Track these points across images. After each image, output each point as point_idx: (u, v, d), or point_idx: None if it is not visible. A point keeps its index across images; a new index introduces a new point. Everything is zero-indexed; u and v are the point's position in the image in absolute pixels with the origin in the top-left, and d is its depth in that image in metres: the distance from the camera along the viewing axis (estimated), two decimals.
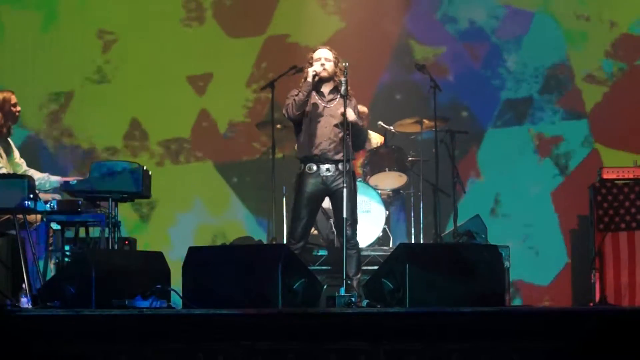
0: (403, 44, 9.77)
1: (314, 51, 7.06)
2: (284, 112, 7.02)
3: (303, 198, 6.91)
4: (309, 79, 6.90)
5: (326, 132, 6.92)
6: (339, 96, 6.91)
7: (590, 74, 9.53)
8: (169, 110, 9.60)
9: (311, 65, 6.97)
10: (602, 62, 9.53)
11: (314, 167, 6.92)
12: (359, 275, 6.89)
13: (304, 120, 6.96)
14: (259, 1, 9.80)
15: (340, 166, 6.89)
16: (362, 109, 9.03)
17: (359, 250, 7.05)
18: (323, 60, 6.95)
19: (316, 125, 6.93)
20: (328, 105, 6.96)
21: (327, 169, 6.91)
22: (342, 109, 6.83)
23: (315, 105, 6.96)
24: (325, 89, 7.02)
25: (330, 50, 7.02)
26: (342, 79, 6.77)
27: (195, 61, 9.72)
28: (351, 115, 6.84)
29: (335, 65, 6.96)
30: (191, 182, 9.63)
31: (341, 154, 6.85)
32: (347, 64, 6.81)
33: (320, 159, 6.90)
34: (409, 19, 9.78)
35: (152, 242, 8.83)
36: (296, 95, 6.92)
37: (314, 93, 6.97)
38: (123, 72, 9.71)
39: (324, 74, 6.94)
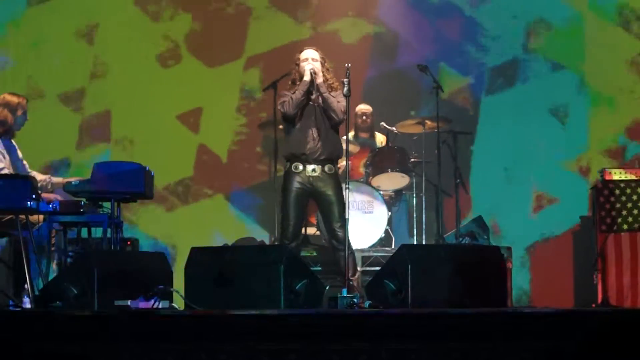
0: (380, 35, 9.79)
1: (300, 52, 7.07)
2: (279, 108, 7.01)
3: (290, 197, 6.90)
4: (307, 78, 6.90)
5: (313, 132, 6.92)
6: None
7: (607, 149, 9.48)
8: (167, 153, 9.51)
9: (298, 65, 6.99)
10: (619, 137, 9.48)
11: (300, 167, 6.92)
12: (356, 275, 6.90)
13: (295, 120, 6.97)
14: (230, 26, 9.78)
15: (326, 168, 6.90)
16: (366, 107, 9.09)
17: (353, 250, 7.05)
18: (310, 61, 6.96)
19: (303, 124, 6.93)
20: (315, 105, 6.96)
21: (313, 170, 6.91)
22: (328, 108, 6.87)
23: (304, 104, 6.97)
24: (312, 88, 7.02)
25: (317, 51, 7.04)
26: (345, 79, 6.78)
27: (181, 99, 9.70)
28: (316, 67, 6.88)
29: (322, 65, 6.98)
30: (206, 219, 9.58)
31: (327, 155, 6.87)
32: (349, 65, 6.81)
33: (308, 159, 6.90)
34: (379, 9, 9.80)
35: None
36: (292, 93, 6.92)
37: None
38: (113, 124, 9.69)
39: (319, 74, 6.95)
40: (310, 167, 6.91)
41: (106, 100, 9.70)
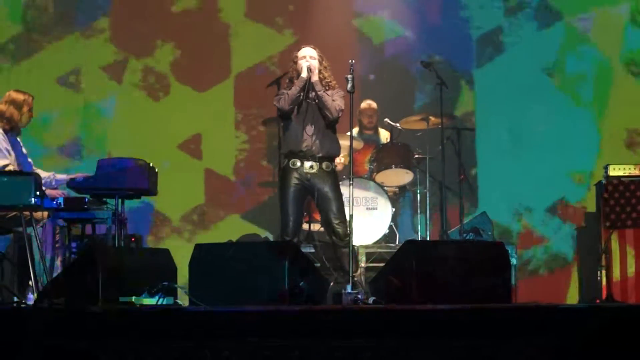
0: (364, 28, 9.79)
1: (298, 50, 7.07)
2: (275, 103, 7.01)
3: (288, 193, 6.91)
4: (304, 74, 6.90)
5: (309, 129, 6.92)
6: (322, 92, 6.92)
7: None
8: (176, 184, 9.34)
9: (296, 63, 6.99)
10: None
11: (298, 163, 6.92)
12: (358, 272, 6.90)
13: (291, 117, 6.97)
14: (212, 47, 9.77)
15: (324, 165, 6.90)
16: (371, 104, 9.08)
17: (353, 246, 7.05)
18: (308, 58, 6.96)
19: (300, 122, 6.93)
20: (312, 102, 6.96)
21: (311, 166, 6.91)
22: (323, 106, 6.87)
23: (301, 102, 6.97)
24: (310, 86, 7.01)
25: (314, 49, 7.04)
26: (348, 76, 6.77)
27: (179, 128, 9.69)
28: (312, 64, 6.90)
29: (320, 63, 6.98)
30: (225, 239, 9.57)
31: (324, 152, 6.86)
32: (353, 61, 6.81)
33: (305, 156, 6.90)
34: (357, 2, 9.83)
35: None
36: (289, 90, 6.93)
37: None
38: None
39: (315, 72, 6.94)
40: (307, 164, 6.90)
41: (104, 145, 9.67)
